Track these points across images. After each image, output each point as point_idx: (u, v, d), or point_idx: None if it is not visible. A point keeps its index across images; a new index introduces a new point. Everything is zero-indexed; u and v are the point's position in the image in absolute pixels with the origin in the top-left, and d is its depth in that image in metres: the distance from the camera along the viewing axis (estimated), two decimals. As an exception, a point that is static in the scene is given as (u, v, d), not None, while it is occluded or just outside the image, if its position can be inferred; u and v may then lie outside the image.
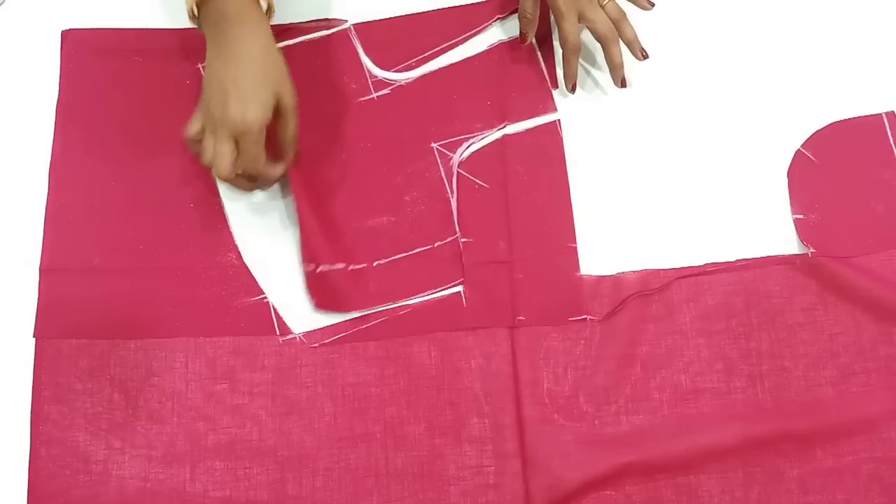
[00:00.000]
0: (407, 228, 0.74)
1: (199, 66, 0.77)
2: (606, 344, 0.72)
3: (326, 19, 0.80)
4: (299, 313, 0.73)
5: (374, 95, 0.77)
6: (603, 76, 0.79)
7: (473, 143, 0.77)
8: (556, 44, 0.79)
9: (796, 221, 0.75)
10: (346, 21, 0.80)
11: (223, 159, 0.67)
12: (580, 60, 0.79)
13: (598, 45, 0.77)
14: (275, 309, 0.73)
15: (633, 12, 0.80)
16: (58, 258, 0.72)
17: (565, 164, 0.77)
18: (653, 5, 0.76)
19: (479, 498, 0.69)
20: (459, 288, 0.73)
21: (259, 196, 0.76)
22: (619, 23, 0.75)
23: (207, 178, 0.75)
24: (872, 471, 0.70)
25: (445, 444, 0.70)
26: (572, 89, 0.77)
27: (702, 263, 0.74)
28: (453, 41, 0.80)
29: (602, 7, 0.74)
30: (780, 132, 0.78)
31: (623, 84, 0.76)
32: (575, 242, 0.75)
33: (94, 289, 0.72)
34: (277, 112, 0.69)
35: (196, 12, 0.68)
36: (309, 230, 0.72)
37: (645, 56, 0.76)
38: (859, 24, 0.81)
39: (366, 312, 0.72)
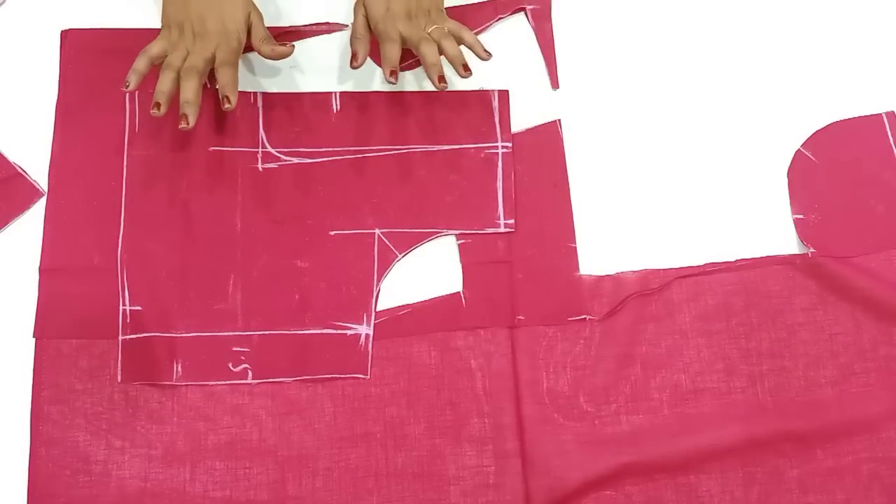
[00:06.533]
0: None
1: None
2: (606, 344, 0.72)
3: (327, 23, 0.80)
4: (299, 313, 0.73)
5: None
6: (603, 77, 0.79)
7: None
8: (556, 43, 0.80)
9: (796, 221, 0.75)
10: (348, 26, 0.80)
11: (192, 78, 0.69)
12: (580, 60, 0.79)
13: (601, 44, 0.77)
14: (275, 309, 0.73)
15: (635, 10, 0.80)
16: (58, 258, 0.72)
17: (565, 164, 0.77)
18: (490, 55, 0.72)
19: (479, 498, 0.69)
20: (459, 288, 0.73)
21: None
22: (442, 43, 0.71)
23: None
24: (872, 471, 0.70)
25: (445, 444, 0.70)
26: (391, 75, 0.71)
27: (702, 263, 0.74)
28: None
29: (428, 30, 0.72)
30: (780, 132, 0.78)
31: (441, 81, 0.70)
32: (575, 242, 0.75)
33: (94, 289, 0.72)
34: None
35: None
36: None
37: (468, 71, 0.71)
38: (859, 24, 0.81)
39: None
